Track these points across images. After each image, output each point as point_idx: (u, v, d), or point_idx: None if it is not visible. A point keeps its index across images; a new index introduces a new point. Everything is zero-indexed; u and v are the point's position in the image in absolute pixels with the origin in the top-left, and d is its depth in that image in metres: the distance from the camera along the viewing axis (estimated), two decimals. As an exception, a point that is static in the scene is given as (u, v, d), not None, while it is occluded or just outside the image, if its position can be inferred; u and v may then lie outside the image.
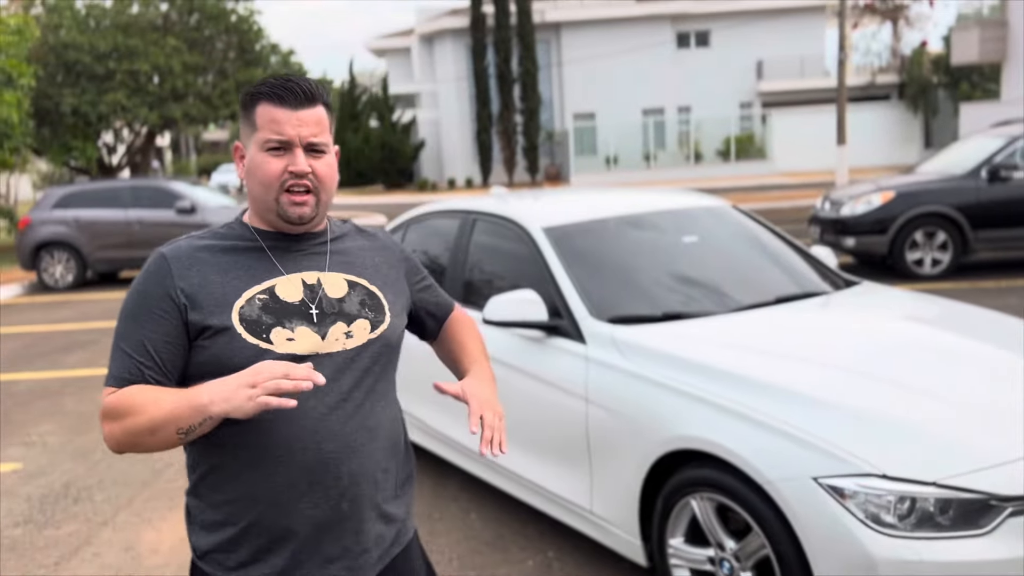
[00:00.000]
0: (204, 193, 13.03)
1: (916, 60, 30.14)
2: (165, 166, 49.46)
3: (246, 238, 1.56)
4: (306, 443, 1.47)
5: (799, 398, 2.53)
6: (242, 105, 1.55)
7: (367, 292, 1.60)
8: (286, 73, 1.46)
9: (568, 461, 3.18)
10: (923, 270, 9.35)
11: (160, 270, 1.49)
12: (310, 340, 1.50)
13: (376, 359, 1.58)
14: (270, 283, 1.51)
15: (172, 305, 1.46)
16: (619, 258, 3.55)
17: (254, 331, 1.47)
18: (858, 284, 3.76)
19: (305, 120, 1.50)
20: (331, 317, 1.53)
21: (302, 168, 1.50)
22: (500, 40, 30.37)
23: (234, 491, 1.51)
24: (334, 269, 1.59)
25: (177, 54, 20.12)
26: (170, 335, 1.47)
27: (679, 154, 31.95)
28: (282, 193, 1.51)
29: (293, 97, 1.49)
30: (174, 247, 1.53)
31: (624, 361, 2.99)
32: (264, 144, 1.50)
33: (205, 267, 1.50)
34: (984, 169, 9.24)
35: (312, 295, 1.53)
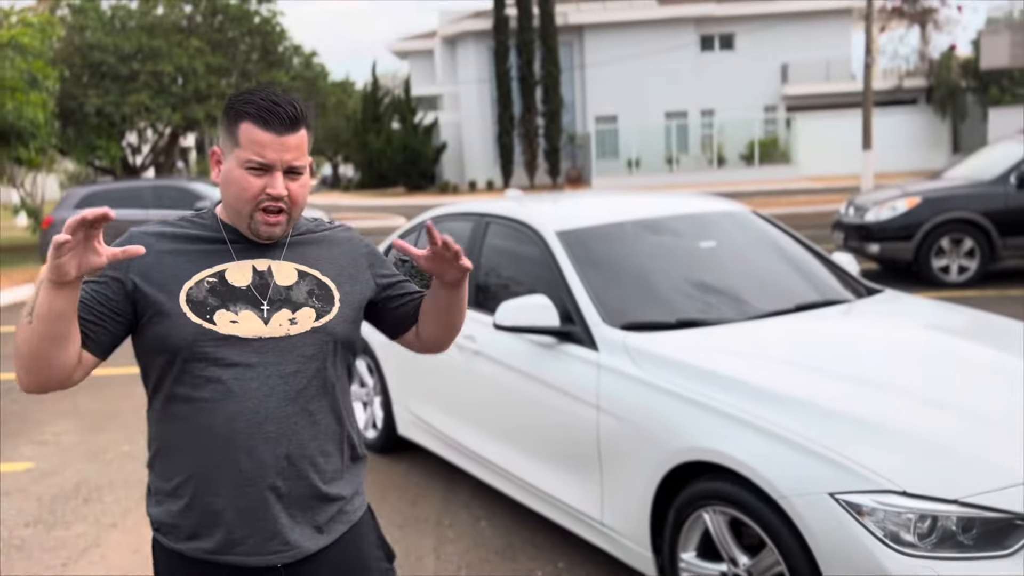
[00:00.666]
0: (225, 194, 13.05)
1: (944, 64, 29.75)
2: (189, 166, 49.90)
3: (211, 229, 1.62)
4: (248, 422, 1.53)
5: (816, 410, 2.44)
6: (225, 114, 1.57)
7: (317, 283, 1.65)
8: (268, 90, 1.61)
9: (578, 470, 3.11)
10: (949, 277, 9.17)
11: (122, 243, 1.54)
12: (253, 324, 1.55)
13: (320, 348, 1.61)
14: (220, 267, 1.58)
15: (117, 282, 1.53)
16: (634, 263, 3.48)
17: (198, 311, 1.53)
18: (880, 292, 3.66)
19: (287, 145, 1.54)
20: (277, 303, 1.58)
21: (280, 192, 1.54)
22: (523, 42, 30.35)
23: (180, 467, 1.57)
24: (287, 259, 1.64)
25: (200, 55, 20.28)
26: (106, 300, 1.52)
27: (702, 158, 31.75)
28: (256, 211, 1.56)
29: (278, 122, 1.52)
30: (144, 227, 1.61)
31: (636, 369, 2.91)
32: (245, 163, 1.54)
33: (161, 250, 1.56)
34: (1013, 175, 9.06)
35: (260, 281, 1.59)
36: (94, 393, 6.44)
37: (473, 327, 3.72)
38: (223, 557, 1.58)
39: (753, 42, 32.73)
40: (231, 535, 1.56)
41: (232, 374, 1.53)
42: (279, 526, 1.58)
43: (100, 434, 5.42)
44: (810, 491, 2.28)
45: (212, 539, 1.57)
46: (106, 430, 5.49)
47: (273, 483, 1.56)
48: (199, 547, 1.58)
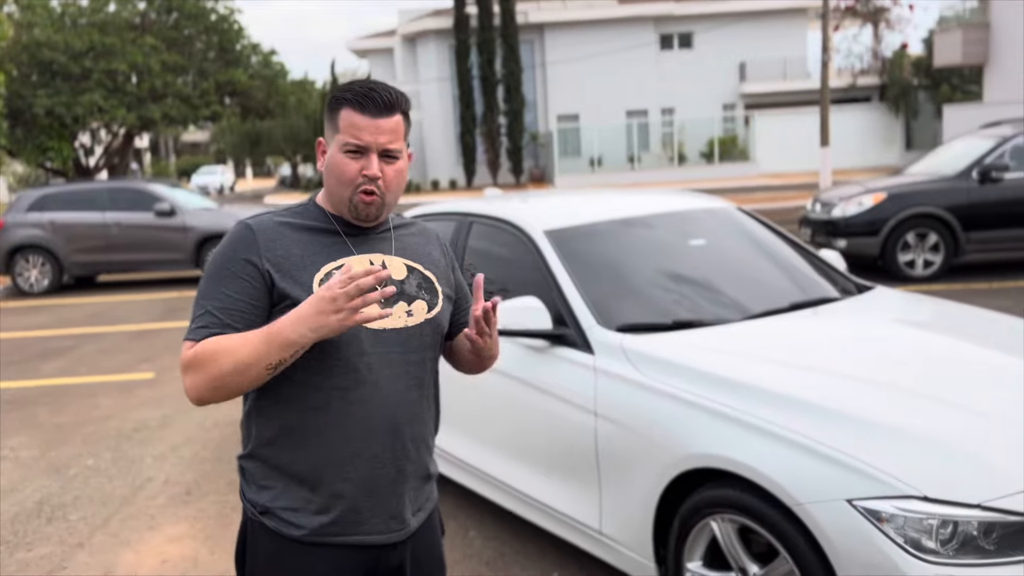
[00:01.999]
0: (184, 195, 12.77)
1: (897, 62, 30.27)
2: (144, 168, 48.87)
3: (322, 220, 1.68)
4: (383, 409, 1.62)
5: (829, 413, 2.36)
6: (328, 106, 1.67)
7: (423, 277, 1.74)
8: (368, 80, 1.73)
9: (575, 478, 3.00)
10: (915, 272, 9.27)
11: (246, 239, 1.61)
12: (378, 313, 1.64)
13: (432, 337, 1.72)
14: (343, 260, 1.64)
15: (257, 272, 1.58)
16: (625, 263, 3.38)
17: None
18: (872, 289, 3.62)
19: (383, 128, 1.62)
20: (394, 296, 1.65)
21: (375, 173, 1.61)
22: (483, 41, 30.21)
23: (309, 451, 1.61)
24: (396, 254, 1.72)
25: (156, 53, 19.81)
26: (253, 297, 1.58)
27: (663, 156, 31.93)
28: (356, 193, 1.63)
29: (374, 106, 1.61)
30: (258, 220, 1.65)
31: (636, 372, 2.82)
32: (343, 146, 1.62)
33: (287, 241, 1.63)
34: (975, 170, 9.18)
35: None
36: (53, 405, 6.18)
37: (459, 331, 3.59)
38: (345, 538, 1.64)
39: (712, 41, 33.01)
40: (358, 515, 1.64)
41: (365, 362, 1.61)
42: (402, 506, 1.69)
43: (61, 448, 5.19)
44: (827, 498, 2.20)
45: (337, 520, 1.63)
46: (67, 443, 5.26)
47: (402, 465, 1.67)
48: (321, 527, 1.63)
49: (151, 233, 12.05)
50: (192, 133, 59.47)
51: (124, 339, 8.56)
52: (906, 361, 2.72)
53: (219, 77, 20.57)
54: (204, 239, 11.99)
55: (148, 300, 11.15)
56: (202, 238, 11.99)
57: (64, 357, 7.79)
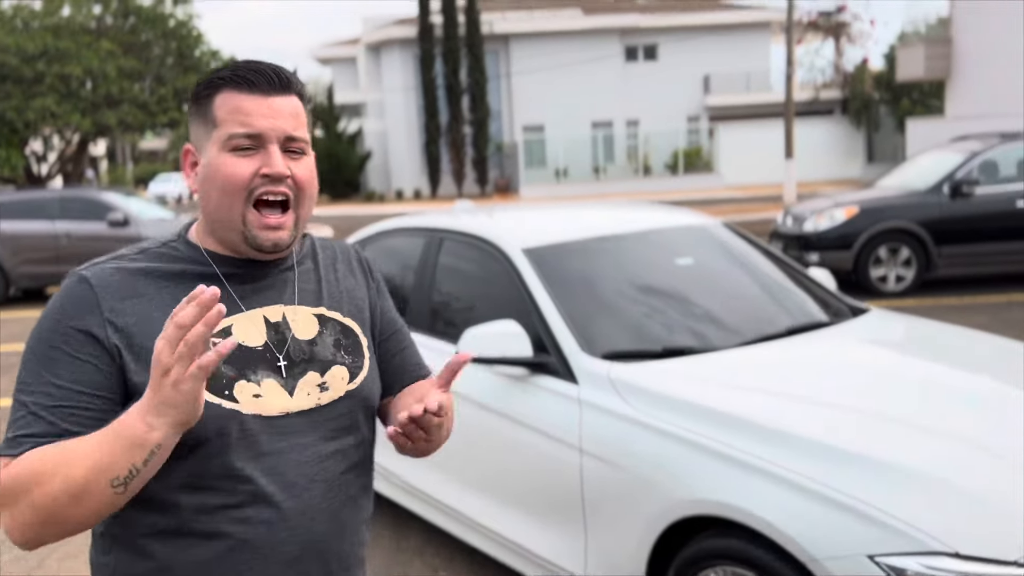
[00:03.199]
0: (139, 204, 12.31)
1: (858, 77, 30.62)
2: (100, 176, 47.85)
3: (195, 262, 1.22)
4: (297, 529, 1.18)
5: (845, 456, 2.13)
6: (195, 99, 1.22)
7: (341, 328, 1.30)
8: (252, 60, 1.19)
9: (558, 520, 2.74)
10: (887, 287, 9.19)
11: (83, 300, 1.14)
12: (278, 396, 1.19)
13: (361, 412, 1.29)
14: (225, 323, 1.19)
15: (99, 348, 1.12)
16: (609, 283, 3.14)
17: (213, 387, 1.14)
18: (867, 311, 3.42)
19: (280, 110, 1.18)
20: (301, 365, 1.22)
21: (279, 170, 1.16)
22: (448, 51, 30.00)
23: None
24: (301, 301, 1.27)
25: (112, 58, 19.22)
26: (97, 385, 1.11)
27: (628, 167, 31.93)
28: (249, 209, 1.17)
29: (264, 81, 1.18)
30: (99, 270, 1.18)
31: (625, 406, 2.57)
32: (227, 141, 1.17)
33: (142, 301, 1.16)
34: (946, 184, 9.13)
35: (278, 337, 1.22)
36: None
37: (430, 357, 3.31)
38: None
39: (676, 53, 33.14)
40: None
41: (263, 468, 1.15)
42: None
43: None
44: (845, 553, 1.97)
45: None
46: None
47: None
48: None
49: (104, 244, 11.57)
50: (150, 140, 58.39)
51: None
52: (922, 396, 2.51)
53: (178, 83, 20.02)
54: (159, 250, 11.52)
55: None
56: (157, 249, 11.52)
57: (8, 375, 7.35)
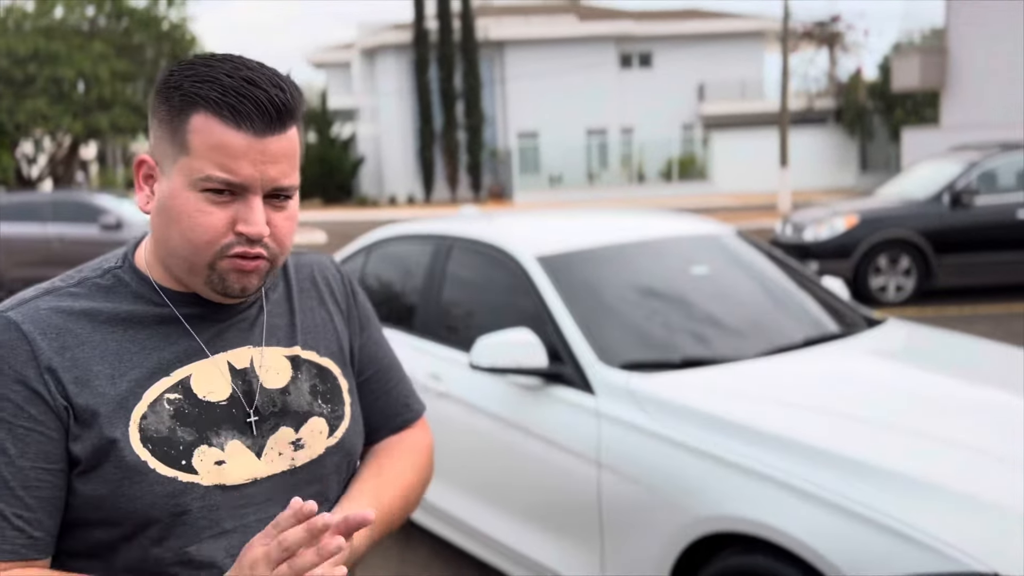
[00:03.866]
0: (132, 208, 12.20)
1: (852, 86, 30.75)
2: (90, 179, 47.63)
3: (146, 300, 1.01)
4: None
5: (873, 471, 2.07)
6: (163, 97, 0.96)
7: (317, 371, 1.10)
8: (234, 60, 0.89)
9: (574, 536, 2.67)
10: (887, 296, 9.16)
11: (16, 352, 0.93)
12: (245, 460, 1.00)
13: (342, 468, 1.09)
14: (183, 372, 0.99)
15: (43, 407, 0.92)
16: (624, 292, 3.07)
17: (167, 456, 0.95)
18: (884, 322, 3.36)
19: (273, 154, 0.95)
20: (271, 420, 1.03)
21: (258, 230, 0.95)
22: (443, 56, 29.96)
23: None
24: (271, 341, 1.07)
25: (104, 60, 19.12)
26: (51, 457, 0.92)
27: (622, 174, 31.93)
28: (222, 258, 0.97)
29: (259, 117, 0.94)
30: (30, 311, 0.96)
31: (646, 418, 2.50)
32: (200, 182, 0.94)
33: (84, 349, 0.96)
34: (946, 194, 9.12)
35: (244, 387, 1.03)
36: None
37: (439, 365, 3.25)
38: None
39: (671, 61, 33.21)
40: None
41: (226, 547, 0.97)
42: None
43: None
44: (879, 573, 1.90)
45: None
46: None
47: None
48: None
49: (96, 248, 11.44)
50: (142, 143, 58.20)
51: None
52: (947, 409, 2.45)
53: (171, 86, 19.96)
54: (153, 254, 11.43)
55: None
56: (151, 253, 11.42)
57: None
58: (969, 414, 2.42)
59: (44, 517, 0.92)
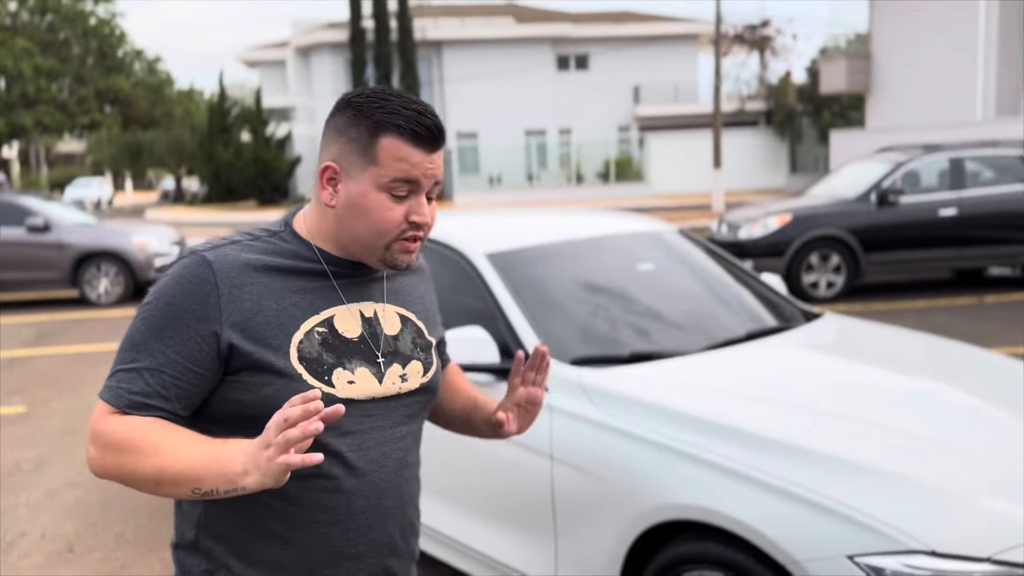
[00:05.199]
0: (59, 209, 11.82)
1: (782, 89, 31.57)
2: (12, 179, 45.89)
3: (305, 257, 1.34)
4: (368, 499, 1.33)
5: (821, 458, 2.16)
6: (354, 123, 1.29)
7: (417, 329, 1.46)
8: (405, 96, 1.33)
9: (528, 530, 2.71)
10: (818, 293, 9.45)
11: (203, 284, 1.26)
12: (369, 383, 1.34)
13: (424, 405, 1.45)
14: (328, 313, 1.33)
15: (213, 336, 1.24)
16: (573, 289, 3.13)
17: (315, 371, 1.29)
18: (822, 316, 3.49)
19: (437, 163, 1.32)
20: (388, 357, 1.37)
21: (426, 219, 1.31)
22: (380, 56, 29.77)
23: (274, 554, 1.31)
24: (390, 301, 1.43)
25: (28, 57, 18.47)
26: (199, 363, 1.25)
27: (561, 175, 32.18)
28: (398, 241, 1.32)
29: (430, 138, 1.30)
30: (221, 254, 1.29)
31: (597, 411, 2.55)
32: (388, 185, 1.29)
33: (257, 290, 1.28)
34: (873, 193, 9.46)
35: (371, 331, 1.37)
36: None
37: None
38: None
39: (607, 64, 33.61)
40: None
41: (348, 444, 1.30)
42: None
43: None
44: (825, 554, 1.99)
45: None
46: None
47: (389, 564, 1.40)
48: None
49: (21, 250, 11.06)
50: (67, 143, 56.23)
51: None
52: (884, 397, 2.56)
53: (99, 84, 19.37)
54: (83, 257, 11.10)
55: (17, 323, 10.19)
56: (80, 256, 11.09)
57: (-81, 389, 6.94)
58: (904, 401, 2.54)
59: (179, 399, 1.24)
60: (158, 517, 4.15)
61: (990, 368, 2.99)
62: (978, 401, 2.62)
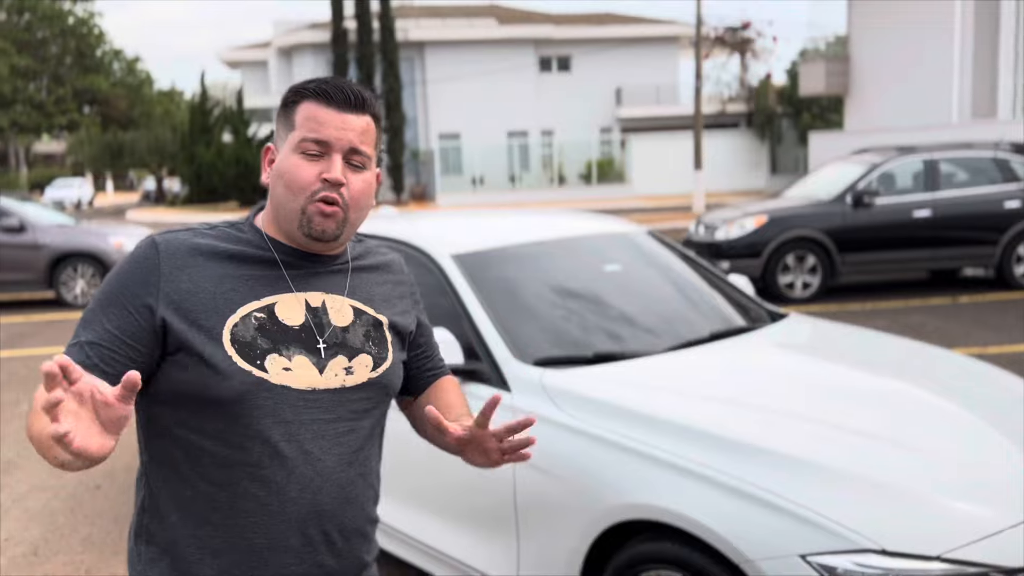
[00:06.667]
0: (36, 210, 11.71)
1: (762, 91, 31.75)
2: (-10, 179, 45.45)
3: (256, 245, 1.37)
4: (303, 491, 1.31)
5: (775, 458, 2.18)
6: (283, 104, 1.39)
7: (372, 322, 1.44)
8: (339, 78, 1.38)
9: (489, 529, 2.71)
10: (794, 293, 9.51)
11: (148, 262, 1.30)
12: (308, 372, 1.33)
13: (374, 402, 1.42)
14: (270, 300, 1.34)
15: (147, 310, 1.27)
16: (538, 290, 3.14)
17: (247, 355, 1.29)
18: (786, 317, 3.51)
19: (350, 124, 1.33)
20: (333, 348, 1.37)
21: (337, 177, 1.31)
22: (362, 56, 29.68)
23: (206, 542, 1.32)
24: (349, 294, 1.43)
25: (4, 56, 18.30)
26: (134, 337, 1.27)
27: (543, 176, 32.22)
28: (312, 202, 1.32)
29: (342, 98, 1.33)
30: (171, 238, 1.34)
31: (558, 412, 2.56)
32: (299, 145, 1.32)
33: (199, 271, 1.31)
34: (848, 195, 9.53)
35: (315, 320, 1.37)
36: None
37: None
38: None
39: (589, 65, 33.69)
40: None
41: (283, 433, 1.30)
42: None
43: None
44: (778, 553, 2.01)
45: None
46: None
47: (323, 562, 1.36)
48: None
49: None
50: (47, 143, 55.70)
51: (-39, 370, 7.63)
52: (841, 396, 2.58)
53: (77, 84, 19.22)
54: (59, 258, 11.01)
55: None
56: (56, 257, 11.00)
57: None
58: (863, 401, 2.56)
59: (114, 371, 1.24)
60: (124, 521, 4.12)
61: (951, 367, 3.03)
62: (938, 400, 2.65)
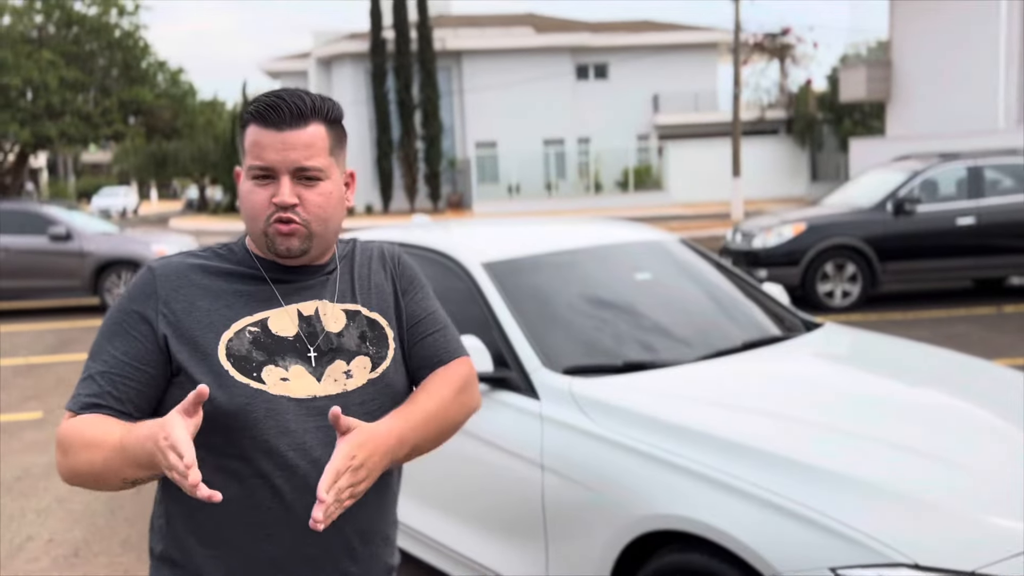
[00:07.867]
0: (82, 218, 12.00)
1: (802, 97, 31.40)
2: (40, 189, 46.64)
3: (246, 264, 1.40)
4: (306, 503, 1.31)
5: (805, 469, 2.15)
6: (240, 127, 1.40)
7: (367, 322, 1.44)
8: (282, 89, 1.37)
9: (519, 538, 2.71)
10: (834, 302, 9.38)
11: (146, 287, 1.35)
12: (305, 381, 1.34)
13: (381, 399, 1.40)
14: (263, 315, 1.36)
15: (149, 330, 1.32)
16: (568, 298, 3.14)
17: (243, 369, 1.31)
18: (821, 326, 3.47)
19: (291, 142, 1.31)
20: (328, 354, 1.37)
21: (285, 199, 1.30)
22: (400, 66, 29.94)
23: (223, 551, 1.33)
24: (335, 299, 1.43)
25: (54, 68, 18.77)
26: (143, 360, 1.30)
27: (579, 184, 32.19)
28: (269, 224, 1.33)
29: (277, 116, 1.31)
30: (166, 262, 1.39)
31: (587, 421, 2.56)
32: (248, 171, 1.33)
33: (194, 290, 1.35)
34: (889, 202, 9.38)
35: (309, 329, 1.38)
36: (-78, 450, 5.52)
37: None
38: None
39: (626, 73, 33.60)
40: None
41: (289, 443, 1.30)
42: None
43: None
44: (809, 566, 1.98)
45: None
46: (-64, 496, 4.66)
47: (345, 568, 1.37)
48: None
49: (44, 259, 11.25)
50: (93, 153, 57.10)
51: (8, 374, 7.85)
52: (877, 409, 2.54)
53: (123, 95, 19.63)
54: (103, 265, 11.26)
55: (38, 331, 10.35)
56: (101, 264, 11.26)
57: (-61, 395, 7.06)
58: (897, 413, 2.52)
59: (124, 396, 1.28)
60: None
61: (991, 379, 2.96)
62: (978, 413, 2.60)
